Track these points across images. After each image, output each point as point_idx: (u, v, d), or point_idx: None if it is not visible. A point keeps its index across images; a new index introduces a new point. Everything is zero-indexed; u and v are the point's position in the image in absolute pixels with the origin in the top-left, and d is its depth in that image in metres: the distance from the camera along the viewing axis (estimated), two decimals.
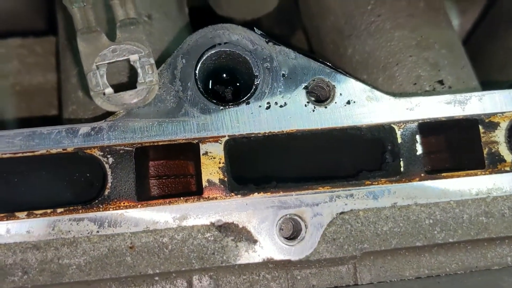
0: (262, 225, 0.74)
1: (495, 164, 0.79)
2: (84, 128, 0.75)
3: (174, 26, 0.98)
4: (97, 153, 0.75)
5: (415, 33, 0.97)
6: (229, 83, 0.84)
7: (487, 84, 1.00)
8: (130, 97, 0.69)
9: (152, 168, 0.86)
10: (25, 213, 0.72)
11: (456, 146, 0.84)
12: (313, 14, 1.14)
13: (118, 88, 0.71)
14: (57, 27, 1.00)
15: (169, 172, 0.88)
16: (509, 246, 0.80)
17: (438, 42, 0.97)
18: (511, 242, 0.80)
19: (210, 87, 0.84)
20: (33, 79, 1.05)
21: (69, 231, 0.73)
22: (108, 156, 0.75)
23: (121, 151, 0.75)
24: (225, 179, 0.75)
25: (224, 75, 0.82)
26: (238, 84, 0.83)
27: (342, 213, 0.75)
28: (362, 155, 0.82)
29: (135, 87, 0.70)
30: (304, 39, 1.34)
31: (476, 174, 0.78)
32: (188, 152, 0.80)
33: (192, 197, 0.74)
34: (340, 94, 0.78)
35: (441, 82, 0.94)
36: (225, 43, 0.78)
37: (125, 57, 0.69)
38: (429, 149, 0.87)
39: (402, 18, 0.98)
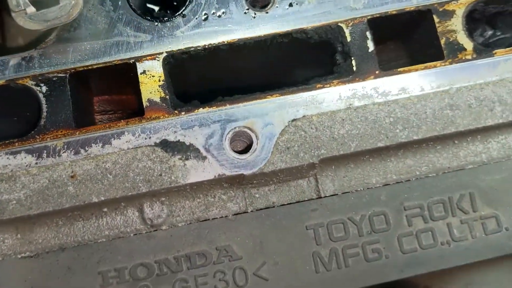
0: (210, 141, 0.69)
1: (455, 53, 0.73)
2: (14, 59, 0.71)
3: None
4: (29, 82, 0.71)
5: None
6: (168, 5, 0.81)
7: None
8: (53, 14, 0.65)
9: (97, 104, 0.83)
10: None
11: (414, 44, 0.79)
12: None
13: (41, 7, 0.68)
14: None
15: (115, 107, 0.83)
16: (482, 142, 0.75)
17: None
18: (483, 138, 0.74)
19: (147, 9, 0.80)
20: None
21: (6, 166, 0.69)
22: (41, 84, 0.71)
23: (54, 78, 0.71)
24: (167, 97, 0.70)
25: None
26: (175, 3, 0.80)
27: (294, 120, 0.70)
28: (312, 61, 0.78)
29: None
30: None
31: (435, 66, 0.72)
32: (129, 77, 0.76)
33: (133, 119, 0.70)
34: None
35: None
36: None
37: None
38: (388, 55, 0.82)
39: None
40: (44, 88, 0.70)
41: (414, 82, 0.71)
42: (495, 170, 0.73)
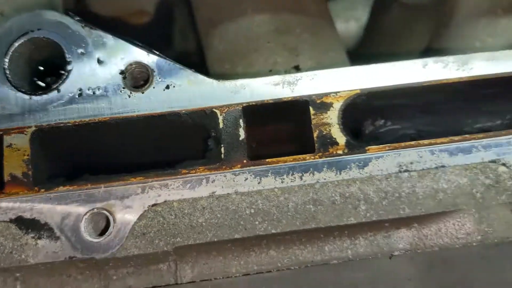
0: (66, 221, 0.69)
1: (326, 147, 0.73)
2: None
3: None
4: None
5: (276, 17, 0.94)
6: (54, 73, 0.81)
7: None
8: None
9: None
10: None
11: (293, 132, 0.79)
12: (193, 7, 1.12)
13: None
14: None
15: None
16: (349, 238, 0.74)
17: (299, 27, 0.93)
18: (351, 234, 0.74)
19: (36, 79, 0.80)
20: None
21: None
22: None
23: None
24: (29, 172, 0.70)
25: (41, 66, 0.78)
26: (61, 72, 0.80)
27: (154, 205, 0.69)
28: (187, 143, 0.77)
29: None
30: None
31: (304, 159, 0.72)
32: None
33: None
34: (159, 78, 0.74)
35: (297, 68, 0.89)
36: (38, 29, 0.75)
37: None
38: (267, 138, 0.82)
39: (263, 3, 0.95)
40: None
41: (281, 174, 0.72)
42: (360, 268, 0.73)
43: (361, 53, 1.15)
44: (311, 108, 0.74)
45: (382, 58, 0.83)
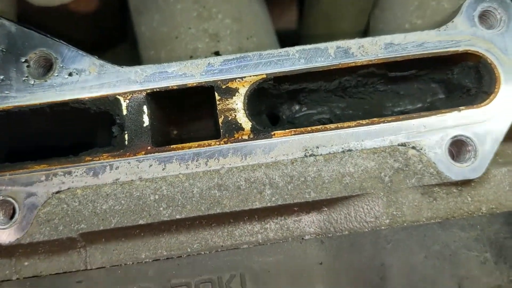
0: None
1: (231, 133, 0.72)
2: None
3: None
4: None
5: (197, 4, 0.91)
6: None
7: None
8: None
9: None
10: None
11: (198, 120, 0.78)
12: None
13: None
14: None
15: None
16: (260, 222, 0.74)
17: (221, 12, 0.90)
18: (262, 218, 0.74)
19: None
20: None
21: None
22: None
23: None
24: None
25: None
26: None
27: (58, 192, 0.70)
28: (93, 129, 0.77)
29: None
30: None
31: (209, 145, 0.71)
32: None
33: None
34: (62, 66, 0.73)
35: (217, 53, 0.87)
36: None
37: None
38: (188, 124, 0.81)
39: None
40: None
41: (186, 160, 0.71)
42: (270, 252, 0.72)
43: (302, 34, 1.12)
44: (216, 94, 0.73)
45: (318, 39, 0.81)
